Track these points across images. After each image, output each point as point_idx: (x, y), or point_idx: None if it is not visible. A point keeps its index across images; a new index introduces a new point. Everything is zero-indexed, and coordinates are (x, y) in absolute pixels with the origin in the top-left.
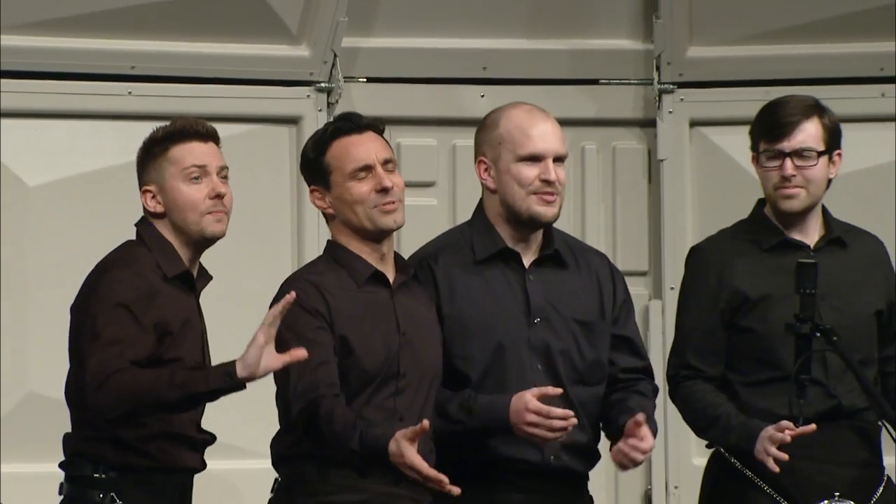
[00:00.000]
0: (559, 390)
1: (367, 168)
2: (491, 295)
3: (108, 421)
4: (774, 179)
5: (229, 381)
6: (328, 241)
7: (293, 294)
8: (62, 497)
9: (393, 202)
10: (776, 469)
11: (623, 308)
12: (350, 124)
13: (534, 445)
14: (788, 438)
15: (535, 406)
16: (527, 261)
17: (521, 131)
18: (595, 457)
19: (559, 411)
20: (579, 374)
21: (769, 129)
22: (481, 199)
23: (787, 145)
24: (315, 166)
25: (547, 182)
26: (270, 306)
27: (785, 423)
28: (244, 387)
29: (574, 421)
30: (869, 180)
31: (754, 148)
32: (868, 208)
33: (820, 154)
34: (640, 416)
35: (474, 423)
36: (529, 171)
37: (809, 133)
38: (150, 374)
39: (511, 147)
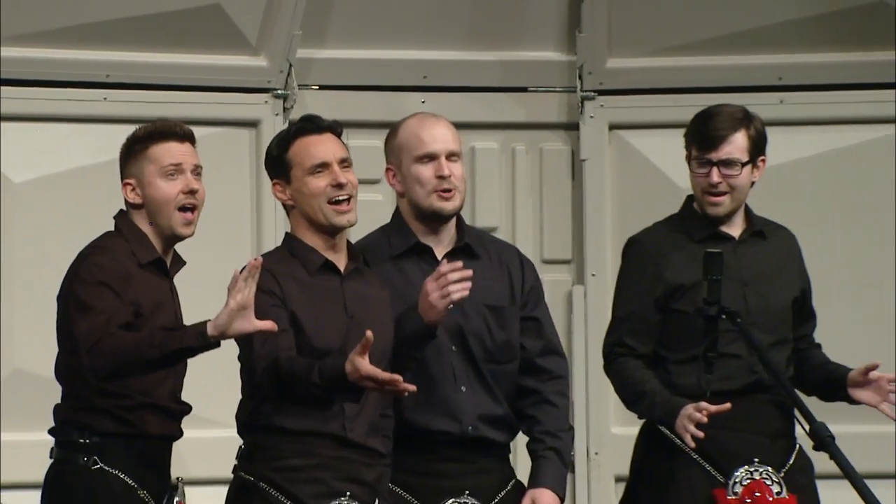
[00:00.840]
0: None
1: (325, 165)
2: (408, 285)
3: (100, 380)
4: (703, 185)
5: (201, 339)
6: (286, 233)
7: (259, 259)
8: (52, 460)
9: (347, 198)
10: (692, 444)
11: (531, 294)
12: (312, 125)
13: (453, 417)
14: (705, 419)
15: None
16: (439, 253)
17: (416, 136)
18: (513, 428)
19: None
20: (490, 354)
21: (700, 139)
22: (396, 208)
23: (714, 156)
24: (278, 162)
25: (442, 178)
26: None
27: (703, 403)
28: (217, 345)
29: (468, 272)
30: (768, 179)
31: (687, 149)
32: (768, 205)
33: (744, 164)
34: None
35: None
36: (426, 171)
37: (736, 145)
38: (133, 335)
39: (409, 151)
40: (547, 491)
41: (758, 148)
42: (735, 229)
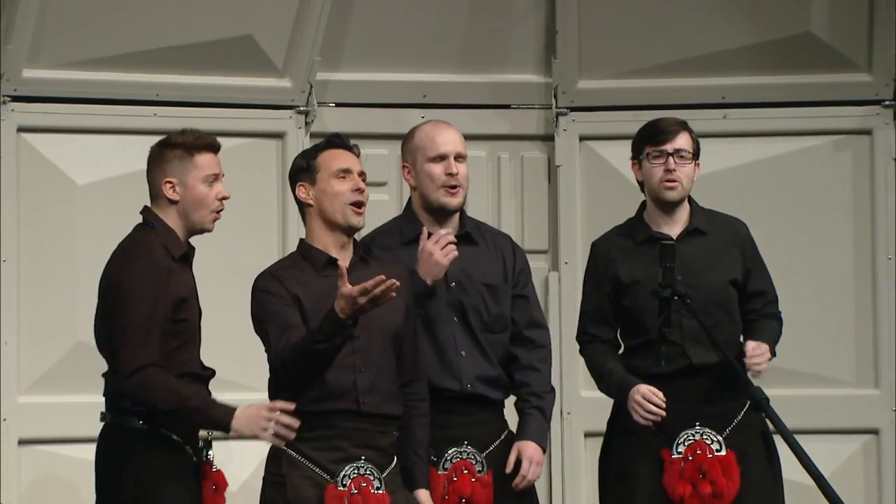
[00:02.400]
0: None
1: (348, 171)
2: (405, 276)
3: (132, 402)
4: (659, 174)
5: (224, 427)
6: (300, 240)
7: (291, 420)
8: (105, 422)
9: (362, 203)
10: (641, 422)
11: (521, 275)
12: (340, 141)
13: (454, 377)
14: (652, 407)
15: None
16: None
17: (430, 139)
18: (506, 387)
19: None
20: (486, 325)
21: (655, 135)
22: (409, 197)
23: (669, 147)
24: (306, 166)
25: (451, 175)
26: (254, 300)
27: (647, 389)
28: (227, 431)
29: (450, 239)
30: (712, 183)
31: (637, 155)
32: (712, 205)
33: (692, 157)
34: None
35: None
36: (437, 168)
37: (685, 140)
38: (175, 384)
39: (423, 152)
40: (531, 443)
41: (697, 151)
42: (675, 230)
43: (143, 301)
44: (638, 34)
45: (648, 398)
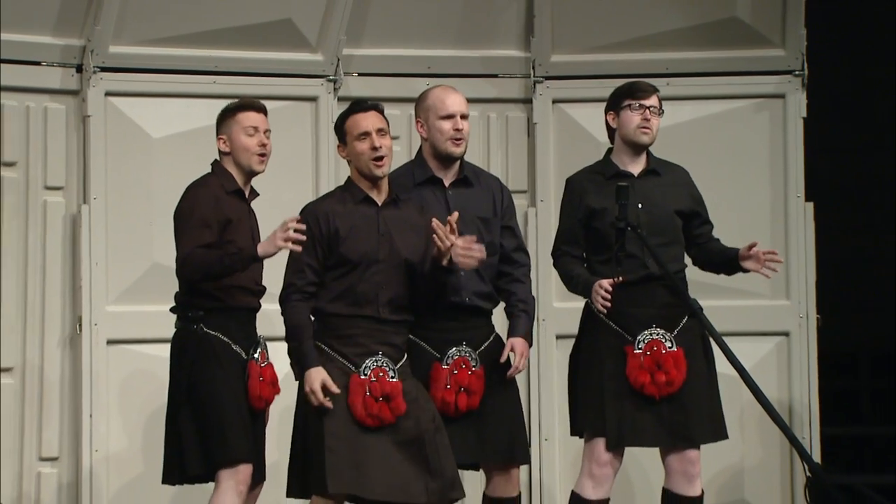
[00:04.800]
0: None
1: (366, 134)
2: (425, 204)
3: (190, 283)
4: (637, 121)
5: (252, 259)
6: (348, 177)
7: (300, 219)
8: (175, 328)
9: (381, 157)
10: (602, 309)
11: (507, 209)
12: (358, 106)
13: (456, 292)
14: (606, 294)
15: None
16: (447, 182)
17: (440, 100)
18: (495, 300)
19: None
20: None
21: (635, 92)
22: (420, 146)
23: (646, 102)
24: (340, 131)
25: (457, 130)
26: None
27: (603, 281)
28: (260, 261)
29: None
30: (661, 137)
31: (615, 107)
32: (661, 155)
33: (658, 114)
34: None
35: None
36: (446, 125)
37: (656, 100)
38: (210, 254)
39: (435, 110)
40: (521, 339)
41: (662, 109)
42: (637, 169)
43: (192, 211)
44: (599, 18)
45: (605, 286)
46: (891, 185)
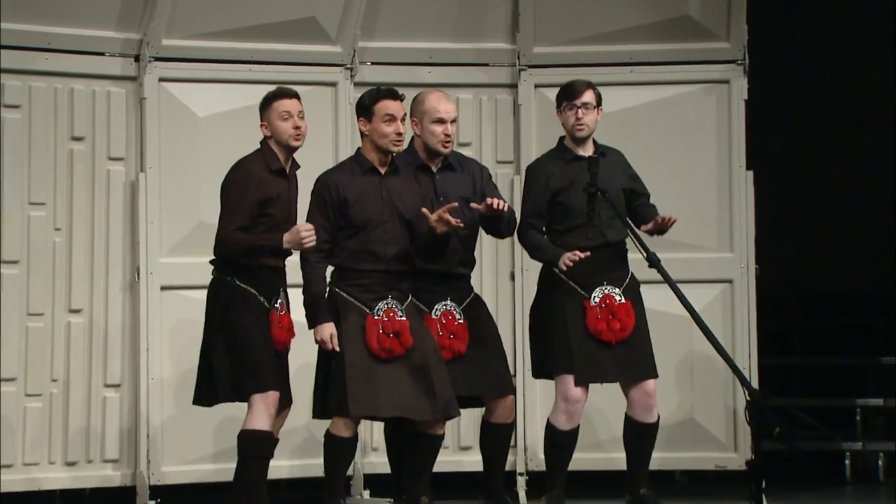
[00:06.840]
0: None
1: (394, 118)
2: (418, 186)
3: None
4: (572, 120)
5: (278, 249)
6: (357, 149)
7: (314, 239)
8: (212, 277)
9: (401, 139)
10: (564, 268)
11: (487, 184)
12: (391, 94)
13: (445, 261)
14: (576, 260)
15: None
16: (434, 169)
17: (434, 107)
18: (473, 265)
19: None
20: (464, 224)
21: (569, 93)
22: (413, 137)
23: (578, 101)
24: (367, 107)
25: (447, 135)
26: (311, 194)
27: (577, 252)
28: (286, 252)
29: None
30: (622, 118)
31: (558, 106)
32: (623, 132)
33: (595, 107)
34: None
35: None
36: (438, 128)
37: (589, 95)
38: (244, 238)
39: (429, 115)
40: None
41: (599, 101)
42: (587, 153)
43: (236, 190)
44: (575, 16)
45: (577, 255)
46: (818, 156)
